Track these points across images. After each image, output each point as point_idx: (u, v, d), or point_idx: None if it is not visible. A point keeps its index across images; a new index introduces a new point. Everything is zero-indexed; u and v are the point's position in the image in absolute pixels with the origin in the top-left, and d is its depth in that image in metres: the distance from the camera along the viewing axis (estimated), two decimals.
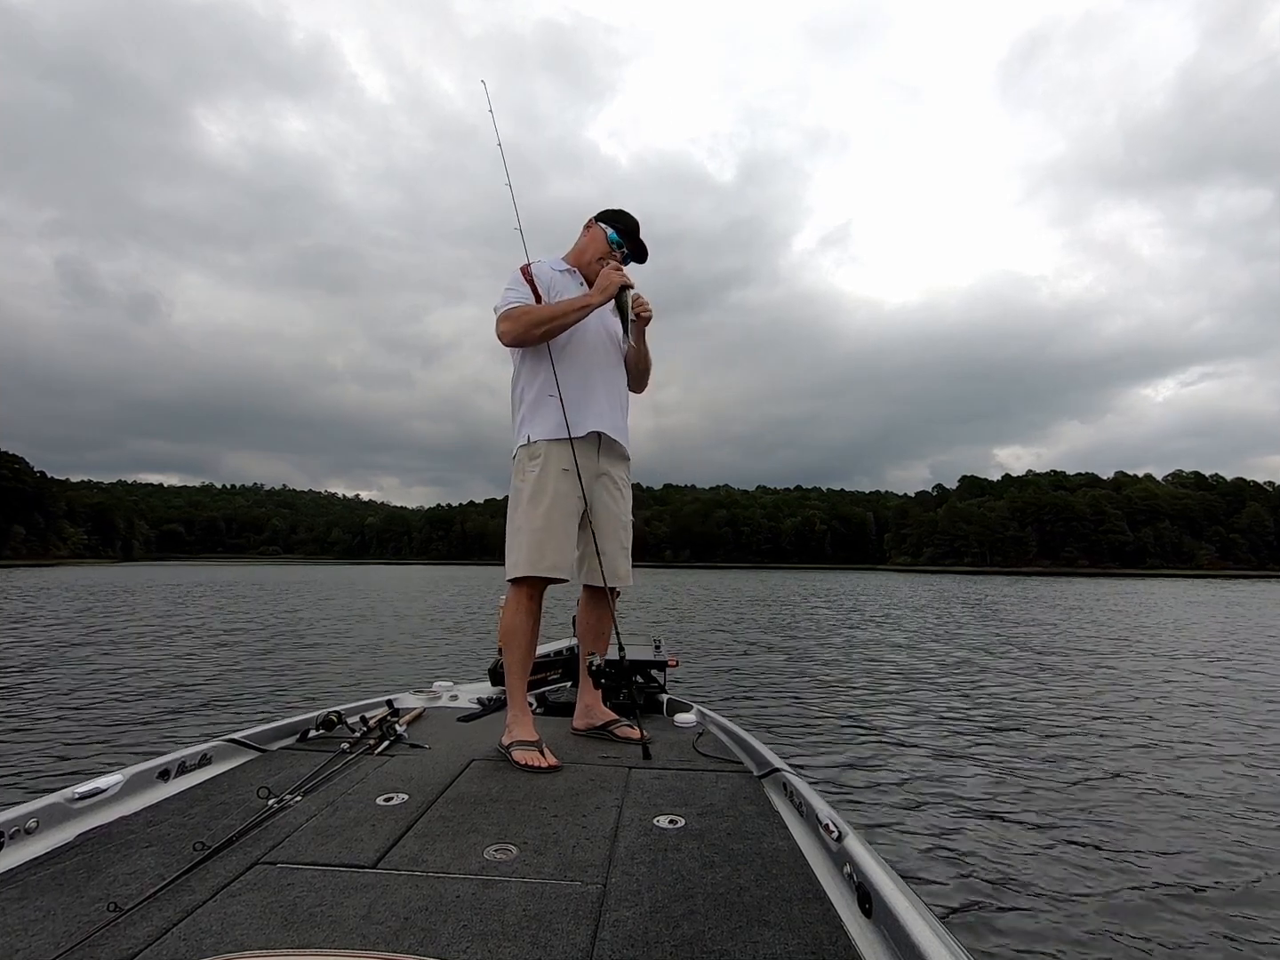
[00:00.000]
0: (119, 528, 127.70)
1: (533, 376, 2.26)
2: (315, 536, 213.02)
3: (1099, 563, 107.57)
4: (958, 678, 7.16)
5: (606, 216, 2.38)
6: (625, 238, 2.35)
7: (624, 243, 2.35)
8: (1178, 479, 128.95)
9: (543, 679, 3.15)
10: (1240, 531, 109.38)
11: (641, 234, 2.39)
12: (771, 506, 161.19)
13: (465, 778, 1.87)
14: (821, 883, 1.28)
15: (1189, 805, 3.32)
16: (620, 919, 1.14)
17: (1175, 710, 5.60)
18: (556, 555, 2.16)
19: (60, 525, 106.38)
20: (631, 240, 2.37)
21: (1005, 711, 5.49)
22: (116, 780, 1.61)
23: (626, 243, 2.36)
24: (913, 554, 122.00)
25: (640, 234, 2.38)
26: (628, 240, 2.36)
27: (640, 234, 2.38)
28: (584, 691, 2.42)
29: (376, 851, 1.39)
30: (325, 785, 1.78)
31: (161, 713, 5.04)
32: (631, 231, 2.37)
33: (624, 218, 2.37)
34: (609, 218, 2.37)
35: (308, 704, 5.21)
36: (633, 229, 2.37)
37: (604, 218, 2.38)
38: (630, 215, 2.39)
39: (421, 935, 1.09)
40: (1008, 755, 4.18)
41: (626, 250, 2.36)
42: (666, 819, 1.59)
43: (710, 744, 2.26)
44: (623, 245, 2.35)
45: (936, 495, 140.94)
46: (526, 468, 2.22)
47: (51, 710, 5.10)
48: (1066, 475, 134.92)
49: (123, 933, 1.08)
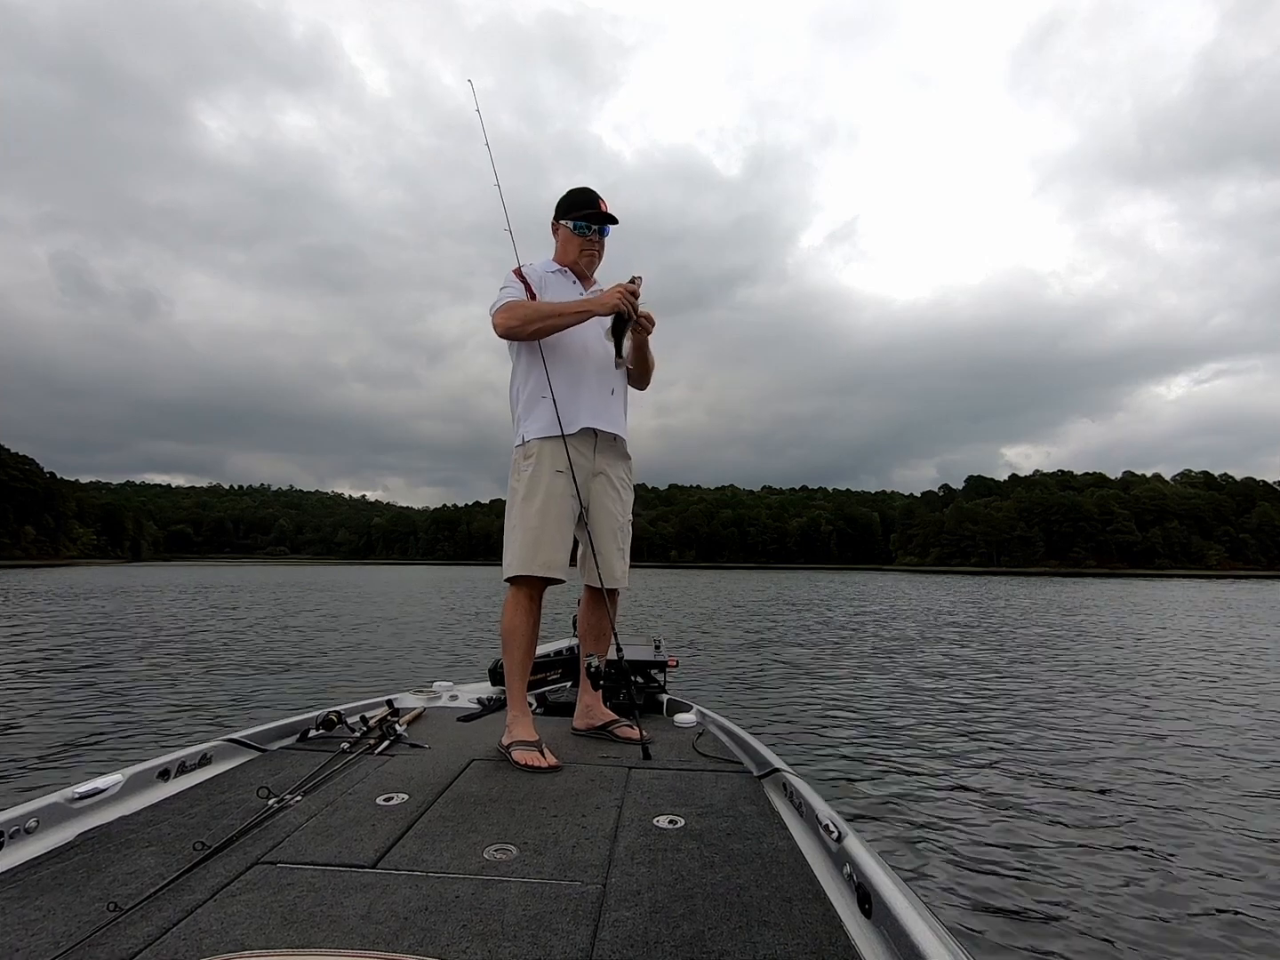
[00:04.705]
0: (128, 528, 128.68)
1: (527, 377, 2.27)
2: (322, 537, 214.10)
3: (1107, 563, 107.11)
4: (959, 678, 7.13)
5: (561, 209, 2.36)
6: (586, 218, 2.31)
7: (588, 224, 2.31)
8: (1186, 479, 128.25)
9: (543, 679, 3.15)
10: (1250, 532, 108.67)
11: (606, 206, 2.33)
12: (777, 507, 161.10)
13: (465, 778, 1.87)
14: (821, 883, 1.28)
15: (1190, 806, 3.30)
16: (620, 919, 1.14)
17: (1179, 712, 5.57)
18: (550, 554, 2.16)
19: (70, 526, 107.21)
20: (591, 214, 2.31)
21: (1007, 713, 5.47)
22: (116, 780, 1.62)
23: (587, 218, 2.31)
24: (919, 554, 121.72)
25: (597, 199, 2.32)
26: (588, 217, 2.31)
27: (597, 199, 2.32)
28: (584, 691, 2.42)
29: (376, 851, 1.39)
30: (325, 785, 1.78)
31: (161, 712, 5.06)
32: (586, 204, 2.32)
33: (575, 200, 2.33)
34: (564, 208, 2.35)
35: (308, 704, 5.22)
36: (586, 201, 2.32)
37: (560, 211, 2.36)
38: (579, 190, 2.34)
39: (421, 935, 1.09)
40: (1009, 756, 4.16)
41: (596, 227, 2.33)
42: (666, 819, 1.58)
43: (710, 744, 2.26)
44: (589, 227, 2.32)
45: (943, 495, 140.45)
46: (521, 467, 2.23)
47: (52, 710, 5.12)
48: (1074, 475, 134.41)
49: (123, 932, 1.09)
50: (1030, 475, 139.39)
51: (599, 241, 2.36)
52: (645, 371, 2.45)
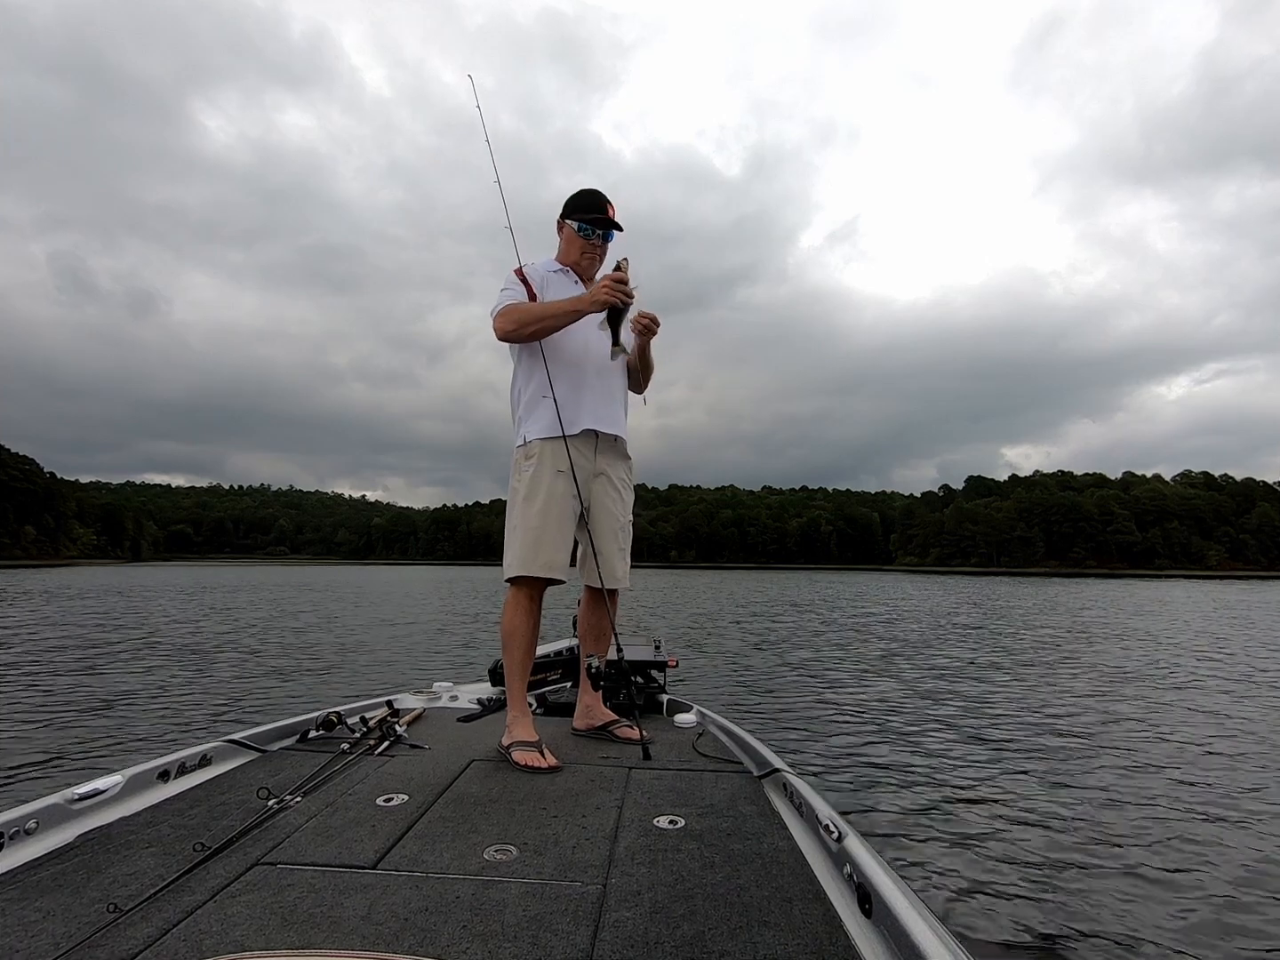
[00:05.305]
0: (128, 528, 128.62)
1: (528, 377, 2.28)
2: (322, 537, 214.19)
3: (1107, 563, 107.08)
4: (961, 679, 7.13)
5: (568, 208, 2.35)
6: (592, 222, 2.30)
7: (593, 229, 2.31)
8: (1186, 479, 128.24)
9: (543, 679, 3.15)
10: (1250, 532, 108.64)
11: (618, 215, 2.33)
12: (777, 507, 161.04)
13: (465, 778, 1.87)
14: (821, 883, 1.28)
15: (1193, 807, 3.29)
16: (620, 919, 1.14)
17: (1180, 712, 5.56)
18: (551, 555, 2.16)
19: (70, 526, 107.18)
20: (598, 219, 2.31)
21: (1009, 714, 5.46)
22: (116, 781, 1.62)
23: (594, 223, 2.30)
24: (919, 554, 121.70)
25: (606, 204, 2.31)
26: (595, 221, 2.30)
27: (606, 204, 2.31)
28: (584, 692, 2.42)
29: (376, 852, 1.39)
30: (325, 786, 1.78)
31: (161, 713, 5.05)
32: (593, 208, 2.31)
33: (584, 201, 2.32)
34: (570, 208, 2.34)
35: (308, 704, 5.22)
36: (594, 205, 2.32)
37: (567, 210, 2.35)
38: (589, 192, 2.33)
39: (421, 936, 1.09)
40: (1010, 757, 4.16)
41: (601, 233, 2.32)
42: (666, 819, 1.58)
43: (710, 744, 2.26)
44: (594, 231, 2.31)
45: (943, 496, 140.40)
46: (522, 467, 2.24)
47: (52, 710, 5.11)
48: (1074, 475, 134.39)
49: (122, 933, 1.09)
50: (1030, 475, 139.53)
51: (602, 246, 2.35)
52: (645, 374, 2.45)
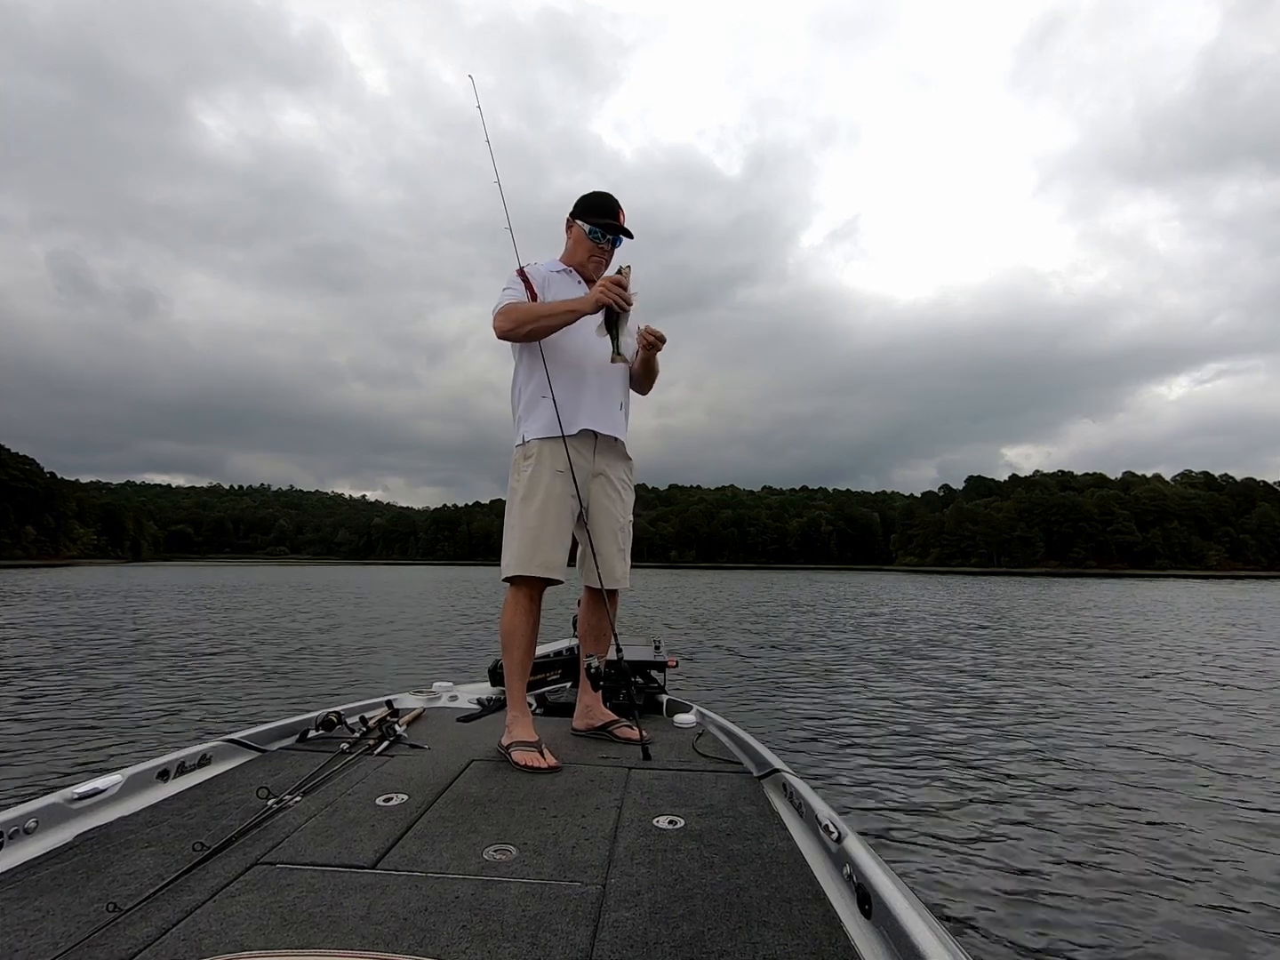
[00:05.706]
0: (128, 528, 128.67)
1: (529, 377, 2.28)
2: (322, 537, 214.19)
3: (1107, 563, 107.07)
4: (961, 679, 7.13)
5: (580, 209, 2.34)
6: (604, 227, 2.30)
7: (604, 232, 2.31)
8: (1187, 479, 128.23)
9: (543, 679, 3.15)
10: (1250, 532, 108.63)
11: (626, 220, 2.33)
12: (777, 507, 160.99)
13: (465, 778, 1.87)
14: (821, 883, 1.28)
15: (1193, 808, 3.29)
16: (620, 920, 1.14)
17: (1181, 713, 5.56)
18: (549, 554, 2.16)
19: (70, 526, 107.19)
20: (610, 225, 2.31)
21: (1010, 715, 5.46)
22: (116, 780, 1.62)
23: (605, 228, 2.31)
24: (919, 555, 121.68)
25: (618, 210, 2.32)
26: (607, 226, 2.31)
27: (618, 210, 2.32)
28: (584, 692, 2.42)
29: (376, 852, 1.39)
30: (325, 786, 1.78)
31: (161, 713, 5.05)
32: (606, 212, 2.31)
33: (597, 204, 2.32)
34: (582, 209, 2.34)
35: (308, 704, 5.22)
36: (607, 209, 2.32)
37: (579, 210, 2.35)
38: (602, 195, 2.33)
39: (421, 936, 1.09)
40: (1010, 758, 4.16)
41: (611, 238, 2.33)
42: (666, 819, 1.58)
43: (710, 744, 2.26)
44: (604, 236, 2.31)
45: (943, 496, 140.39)
46: (521, 467, 2.24)
47: (51, 710, 5.12)
48: (1074, 475, 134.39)
49: (122, 933, 1.09)
50: (1030, 475, 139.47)
51: (609, 251, 2.35)
52: (649, 378, 2.45)
